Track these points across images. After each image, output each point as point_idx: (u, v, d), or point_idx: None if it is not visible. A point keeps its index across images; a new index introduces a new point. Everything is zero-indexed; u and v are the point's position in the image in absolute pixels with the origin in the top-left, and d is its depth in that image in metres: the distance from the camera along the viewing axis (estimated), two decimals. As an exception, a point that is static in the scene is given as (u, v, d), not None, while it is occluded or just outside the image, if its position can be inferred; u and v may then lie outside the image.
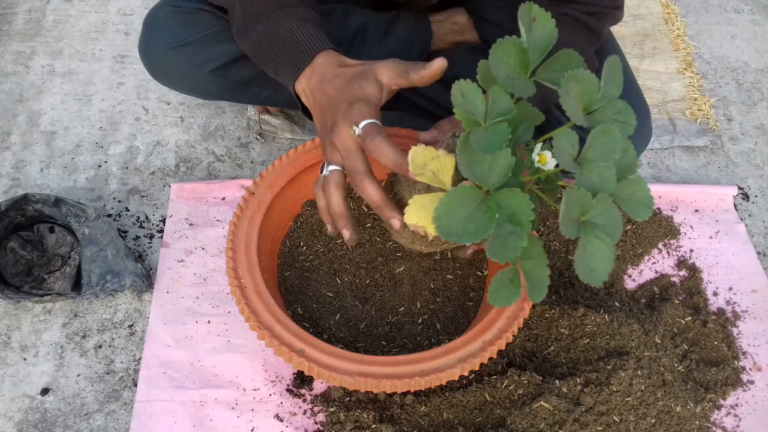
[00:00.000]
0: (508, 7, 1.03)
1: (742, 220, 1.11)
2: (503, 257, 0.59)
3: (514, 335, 0.79)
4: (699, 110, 1.26)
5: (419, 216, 0.63)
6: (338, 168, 0.74)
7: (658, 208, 1.09)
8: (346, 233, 0.74)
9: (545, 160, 0.62)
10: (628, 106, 0.60)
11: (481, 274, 0.94)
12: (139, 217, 1.06)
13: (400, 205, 0.71)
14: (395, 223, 0.70)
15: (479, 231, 0.58)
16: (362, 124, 0.71)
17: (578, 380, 0.84)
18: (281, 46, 0.79)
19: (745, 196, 1.15)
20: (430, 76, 0.73)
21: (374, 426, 0.82)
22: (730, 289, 1.01)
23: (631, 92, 1.01)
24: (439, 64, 0.72)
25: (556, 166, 0.61)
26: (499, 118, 0.59)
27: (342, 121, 0.72)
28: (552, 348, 0.90)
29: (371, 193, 0.71)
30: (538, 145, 0.63)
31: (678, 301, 0.97)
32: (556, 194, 0.68)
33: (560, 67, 0.62)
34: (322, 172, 0.76)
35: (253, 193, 0.88)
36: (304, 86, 0.79)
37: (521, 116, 0.65)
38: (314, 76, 0.77)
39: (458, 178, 0.64)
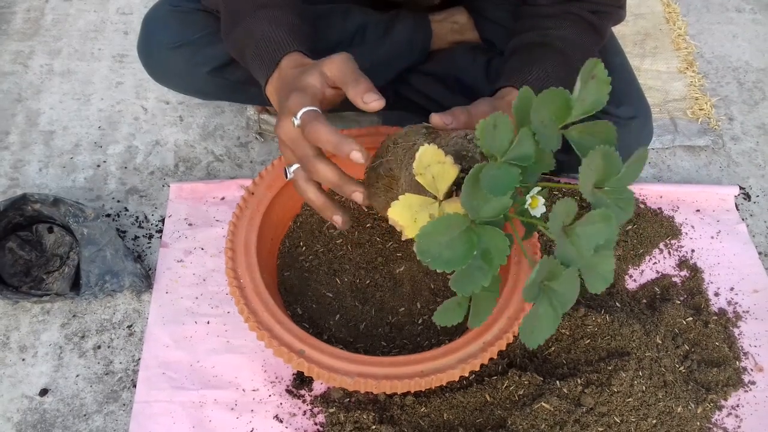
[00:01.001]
0: (509, 5, 1.03)
1: (743, 220, 1.11)
2: (463, 291, 0.60)
3: (514, 336, 0.79)
4: (700, 110, 1.26)
5: (402, 215, 0.63)
6: (297, 165, 0.74)
7: (659, 208, 1.09)
8: (338, 219, 0.74)
9: (536, 204, 0.63)
10: (633, 196, 0.61)
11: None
12: (138, 217, 1.06)
13: (389, 176, 0.70)
14: (357, 196, 0.69)
15: (454, 260, 0.59)
16: (300, 113, 0.69)
17: (579, 381, 0.84)
18: (255, 49, 0.79)
19: (747, 196, 1.15)
20: (364, 108, 0.71)
21: (374, 427, 0.81)
22: (732, 289, 1.01)
23: (632, 92, 1.01)
24: (375, 106, 0.70)
25: (543, 213, 0.61)
26: (517, 160, 0.59)
27: (282, 113, 0.72)
28: (552, 348, 0.90)
29: (326, 172, 0.70)
30: (536, 189, 0.63)
31: (679, 302, 0.97)
32: (531, 235, 0.70)
33: (593, 132, 0.62)
34: (286, 176, 0.76)
35: (252, 193, 0.88)
36: (271, 91, 0.79)
37: (537, 159, 0.65)
38: (278, 80, 0.77)
39: (452, 191, 0.64)
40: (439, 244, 0.59)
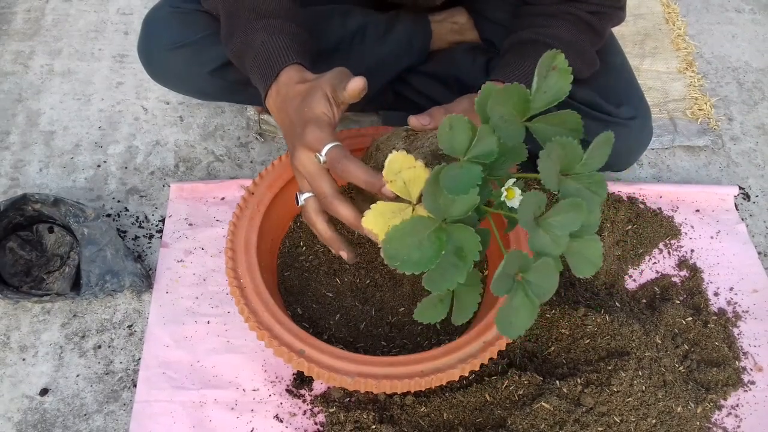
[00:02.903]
0: (508, 6, 1.03)
1: (743, 220, 1.11)
2: (439, 288, 0.61)
3: (514, 335, 0.79)
4: (700, 110, 1.26)
5: (376, 223, 0.64)
6: (311, 194, 0.75)
7: (659, 208, 1.09)
8: (344, 255, 0.76)
9: (513, 195, 0.63)
10: (604, 180, 0.61)
11: (481, 274, 0.94)
12: (138, 217, 1.06)
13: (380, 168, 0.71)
14: (374, 237, 0.70)
15: (423, 261, 0.60)
16: (325, 150, 0.71)
17: (579, 381, 0.84)
18: (254, 59, 0.80)
19: (746, 196, 1.15)
20: (350, 97, 0.72)
21: (374, 427, 0.81)
22: (731, 289, 1.01)
23: (632, 92, 1.01)
24: (353, 86, 0.71)
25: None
26: (480, 157, 0.60)
27: (299, 145, 0.73)
28: (552, 348, 0.90)
29: (344, 213, 0.71)
30: (511, 180, 0.64)
31: (679, 302, 0.97)
32: (514, 227, 0.70)
33: (558, 122, 0.62)
34: (297, 203, 0.77)
35: (252, 193, 0.88)
36: (271, 105, 0.80)
37: (504, 152, 0.65)
38: (279, 95, 0.78)
39: None
40: (408, 246, 0.60)
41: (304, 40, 0.83)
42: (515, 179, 0.63)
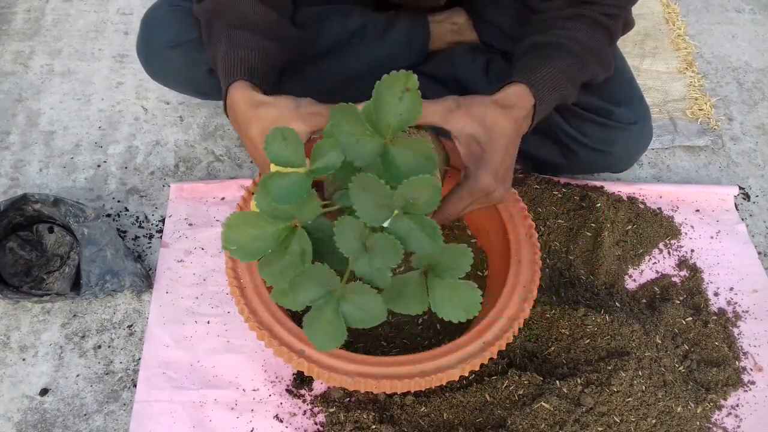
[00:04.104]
0: (507, 8, 1.03)
1: (743, 220, 1.11)
2: (274, 280, 0.65)
3: (514, 335, 0.79)
4: (700, 110, 1.26)
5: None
6: None
7: (659, 208, 1.09)
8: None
9: None
10: (437, 228, 0.61)
11: (481, 274, 0.94)
12: (138, 217, 1.06)
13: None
14: None
15: (255, 252, 0.64)
16: None
17: (579, 381, 0.84)
18: (219, 70, 0.82)
19: (746, 196, 1.15)
20: None
21: (374, 427, 0.81)
22: (731, 289, 1.01)
23: (631, 92, 1.01)
24: None
25: None
26: (320, 171, 0.62)
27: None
28: (552, 348, 0.90)
29: None
30: None
31: (679, 302, 0.97)
32: None
33: (414, 148, 0.63)
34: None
35: (252, 193, 0.88)
36: (230, 118, 0.81)
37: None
38: (231, 110, 0.79)
39: None
40: (247, 236, 0.63)
41: (268, 54, 0.83)
42: None
